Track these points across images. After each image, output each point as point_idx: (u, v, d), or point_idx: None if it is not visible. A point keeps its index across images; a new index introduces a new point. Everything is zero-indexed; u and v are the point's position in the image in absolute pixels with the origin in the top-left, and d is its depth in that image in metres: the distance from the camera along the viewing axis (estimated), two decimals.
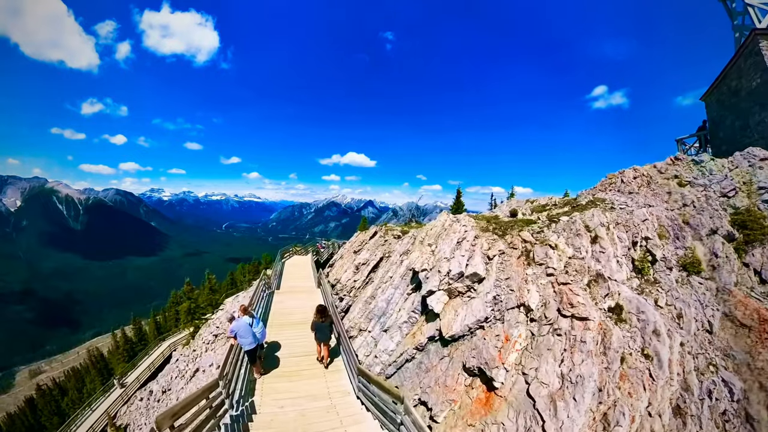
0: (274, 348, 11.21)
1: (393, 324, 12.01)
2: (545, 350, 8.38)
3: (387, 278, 14.17)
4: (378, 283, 14.64)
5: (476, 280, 10.56)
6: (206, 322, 27.53)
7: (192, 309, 28.51)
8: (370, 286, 14.99)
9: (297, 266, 27.01)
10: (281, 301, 16.21)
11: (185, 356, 24.25)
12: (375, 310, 12.96)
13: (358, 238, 21.18)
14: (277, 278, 20.65)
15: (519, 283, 10.09)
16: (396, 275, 13.79)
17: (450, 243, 12.14)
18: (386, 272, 15.02)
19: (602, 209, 14.33)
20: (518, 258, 10.95)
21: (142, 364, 38.09)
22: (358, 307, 14.05)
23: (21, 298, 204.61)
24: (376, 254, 16.83)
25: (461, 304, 10.26)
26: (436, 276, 11.02)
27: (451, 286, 10.58)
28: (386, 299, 12.91)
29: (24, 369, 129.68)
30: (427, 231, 16.33)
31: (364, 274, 16.19)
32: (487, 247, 11.44)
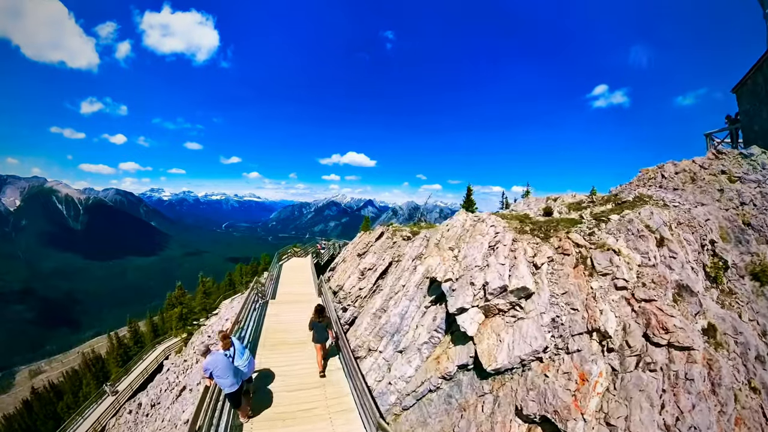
0: (266, 379, 8.90)
1: (410, 344, 9.81)
2: (636, 391, 6.18)
3: (399, 287, 11.99)
4: (388, 292, 12.42)
5: (523, 295, 8.32)
6: (199, 328, 25.29)
7: (184, 315, 26.28)
8: (379, 296, 12.76)
9: (295, 269, 24.73)
10: (276, 314, 13.79)
11: (176, 366, 22.14)
12: (387, 326, 10.73)
13: (362, 239, 19.07)
14: (272, 284, 18.34)
15: (583, 299, 7.85)
16: (410, 284, 11.61)
17: (479, 247, 9.92)
18: (397, 279, 12.83)
19: (656, 207, 12.16)
20: (575, 267, 8.71)
21: (136, 369, 36.70)
22: (366, 320, 11.80)
23: (21, 297, 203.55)
24: (384, 258, 14.62)
25: (504, 327, 8.03)
26: (468, 289, 8.78)
27: (489, 302, 8.36)
28: (400, 313, 10.71)
29: (24, 369, 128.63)
30: (443, 232, 14.12)
31: (371, 280, 13.97)
32: (532, 254, 9.21)
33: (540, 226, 10.79)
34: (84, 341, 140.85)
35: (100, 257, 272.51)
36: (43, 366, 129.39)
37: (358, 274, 14.71)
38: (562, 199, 20.54)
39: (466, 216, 14.22)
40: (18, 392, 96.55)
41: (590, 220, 11.31)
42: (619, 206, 13.31)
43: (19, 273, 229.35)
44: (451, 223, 13.83)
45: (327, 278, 22.67)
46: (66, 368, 76.03)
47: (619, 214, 11.50)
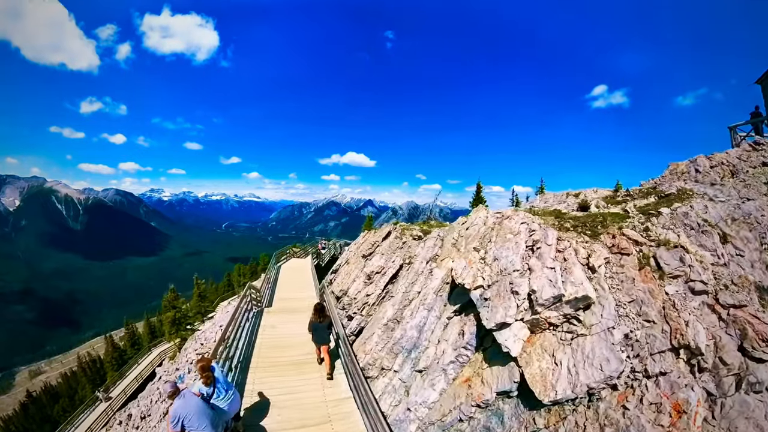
0: (260, 412, 7.12)
1: (432, 363, 8.28)
2: (741, 420, 4.77)
3: (413, 294, 10.48)
4: (401, 299, 10.88)
5: (582, 306, 6.81)
6: (193, 334, 23.72)
7: (177, 319, 24.66)
8: (390, 303, 11.22)
9: (295, 271, 22.95)
10: (273, 326, 11.92)
11: (168, 375, 20.64)
12: (402, 341, 9.18)
13: (367, 239, 17.55)
14: (269, 289, 16.47)
15: (659, 308, 6.35)
16: (427, 291, 10.10)
17: (515, 248, 8.39)
18: (410, 285, 11.32)
19: (706, 200, 10.71)
20: (640, 269, 7.22)
21: (131, 373, 35.46)
22: (376, 332, 10.24)
23: (21, 298, 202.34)
24: (394, 260, 13.10)
25: (558, 345, 6.52)
26: (509, 299, 7.24)
27: (538, 315, 6.83)
28: (417, 325, 9.18)
29: (24, 369, 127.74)
30: (460, 231, 12.59)
31: (380, 285, 12.43)
32: (585, 254, 7.68)
33: (583, 222, 9.28)
34: (84, 341, 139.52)
35: (100, 257, 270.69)
36: (43, 366, 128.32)
37: (364, 277, 13.18)
38: (584, 194, 19.00)
39: (487, 213, 12.74)
40: (18, 393, 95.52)
41: (637, 214, 9.83)
42: (664, 199, 11.82)
43: (18, 273, 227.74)
44: (470, 220, 12.33)
45: (329, 281, 20.99)
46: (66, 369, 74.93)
47: (669, 207, 10.03)
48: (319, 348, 9.36)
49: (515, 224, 9.61)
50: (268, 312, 13.42)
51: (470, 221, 12.10)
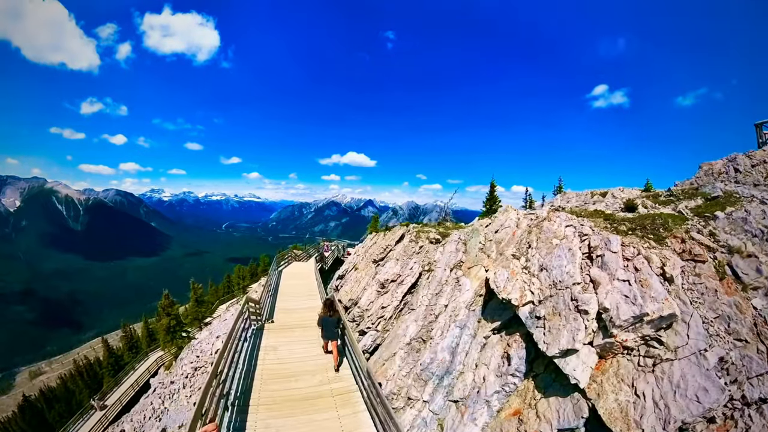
0: None
1: (470, 392, 6.92)
2: None
3: (440, 307, 9.11)
4: (424, 313, 9.50)
5: (664, 325, 5.50)
6: (189, 342, 22.15)
7: (172, 327, 23.01)
8: (411, 318, 9.83)
9: (297, 277, 20.86)
10: (275, 347, 9.89)
11: (163, 387, 19.23)
12: (432, 366, 7.79)
13: (378, 242, 16.11)
14: (269, 298, 14.56)
15: (750, 325, 5.08)
16: (457, 304, 8.73)
17: (568, 256, 7.06)
18: (434, 296, 9.94)
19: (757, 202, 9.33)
20: (721, 279, 5.89)
21: (127, 380, 33.98)
22: (399, 354, 8.84)
23: (21, 298, 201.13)
24: (412, 267, 11.69)
25: (637, 373, 5.25)
26: (574, 319, 5.93)
27: (614, 339, 5.52)
28: (449, 346, 7.82)
29: (24, 370, 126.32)
30: (486, 235, 11.19)
31: (397, 296, 11.01)
32: (660, 263, 6.33)
33: (641, 225, 7.89)
34: (85, 342, 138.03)
35: (101, 258, 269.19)
36: (44, 367, 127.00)
37: (377, 286, 11.76)
38: (612, 193, 17.61)
39: (517, 213, 11.34)
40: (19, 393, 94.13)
41: (693, 217, 8.44)
42: (712, 201, 10.42)
43: (19, 274, 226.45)
44: (498, 222, 10.93)
45: (335, 287, 19.43)
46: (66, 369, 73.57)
47: (722, 211, 8.63)
48: (327, 342, 9.30)
49: (558, 227, 8.23)
50: (269, 329, 11.40)
51: (498, 223, 10.72)
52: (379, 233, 18.24)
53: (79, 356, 64.00)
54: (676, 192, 12.89)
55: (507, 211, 11.93)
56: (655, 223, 8.03)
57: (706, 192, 12.24)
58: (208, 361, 16.05)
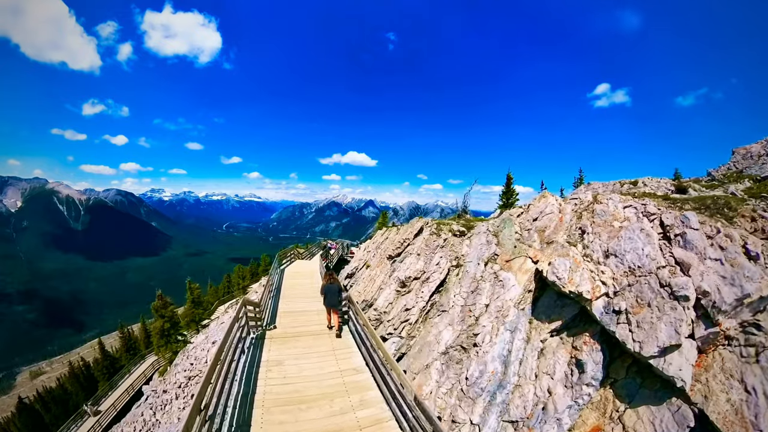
0: None
1: (534, 410, 5.51)
2: None
3: (479, 308, 7.69)
4: (460, 315, 8.06)
5: (761, 307, 4.49)
6: (185, 346, 20.48)
7: (166, 330, 21.28)
8: (443, 322, 8.37)
9: (301, 276, 19.23)
10: (279, 362, 7.99)
11: (156, 396, 17.67)
12: (482, 380, 6.41)
13: (390, 236, 14.61)
14: (271, 299, 12.86)
15: None
16: (503, 304, 7.33)
17: (643, 237, 5.89)
18: (470, 294, 8.50)
19: None
20: None
21: (123, 384, 32.50)
22: (434, 366, 7.38)
23: (22, 298, 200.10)
24: (439, 263, 10.18)
25: (743, 366, 3.87)
26: (672, 309, 4.68)
27: (718, 327, 4.32)
28: (500, 355, 6.42)
29: (25, 370, 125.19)
30: (523, 224, 9.72)
31: (423, 296, 9.46)
32: (741, 241, 5.23)
33: (704, 204, 6.53)
34: (86, 341, 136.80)
35: (101, 258, 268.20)
36: (44, 367, 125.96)
37: (396, 285, 10.25)
38: (642, 182, 16.16)
39: (557, 199, 9.92)
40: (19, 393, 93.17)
41: (749, 197, 7.05)
42: (762, 183, 8.97)
43: (20, 274, 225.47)
44: (536, 209, 9.52)
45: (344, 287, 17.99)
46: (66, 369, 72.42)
47: None
48: (329, 313, 9.74)
49: (615, 209, 6.86)
50: (271, 338, 9.49)
51: (536, 210, 9.32)
52: (391, 228, 16.73)
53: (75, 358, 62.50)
54: (718, 177, 11.52)
55: (545, 197, 10.50)
56: (717, 203, 6.64)
57: (752, 174, 10.87)
58: (203, 369, 14.45)
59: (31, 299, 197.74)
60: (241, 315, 8.75)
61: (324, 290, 9.66)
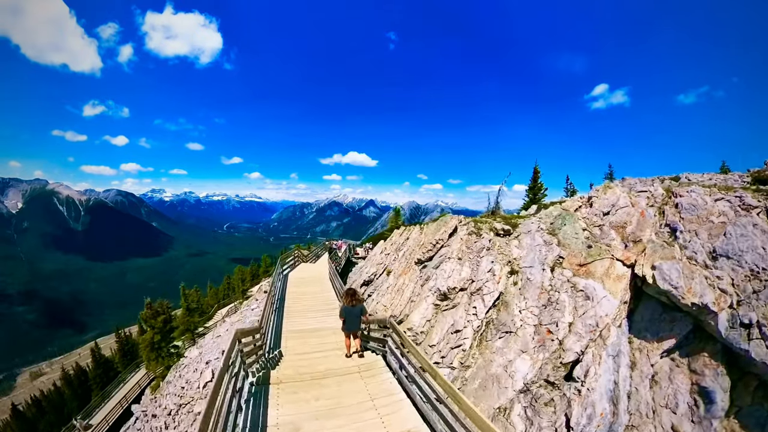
0: None
1: None
2: None
3: (563, 328, 5.67)
4: (534, 339, 6.06)
5: None
6: (178, 360, 18.21)
7: (156, 343, 18.89)
8: (512, 346, 6.43)
9: (308, 282, 16.41)
10: (295, 429, 5.28)
11: (145, 418, 15.52)
12: (589, 428, 4.37)
13: (417, 236, 12.44)
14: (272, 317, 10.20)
15: None
16: (596, 321, 5.45)
17: (757, 233, 3.90)
18: (544, 309, 6.54)
19: None
20: None
21: (117, 394, 30.44)
22: (514, 409, 5.47)
23: (23, 299, 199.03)
24: (491, 269, 8.07)
25: None
26: None
27: None
28: (606, 391, 4.48)
29: (25, 370, 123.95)
30: (589, 220, 7.63)
31: (477, 312, 7.31)
32: None
33: None
34: (87, 342, 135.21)
35: (102, 258, 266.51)
36: (45, 368, 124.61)
37: (436, 297, 8.15)
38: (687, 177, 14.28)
39: (620, 191, 7.88)
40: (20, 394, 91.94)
41: None
42: None
43: (20, 275, 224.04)
44: (604, 202, 7.57)
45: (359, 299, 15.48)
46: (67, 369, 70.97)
47: None
48: (349, 338, 8.26)
49: (704, 202, 4.84)
50: (278, 382, 6.59)
51: (605, 203, 7.52)
52: (410, 227, 14.53)
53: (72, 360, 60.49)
54: None
55: (610, 187, 8.52)
56: None
57: None
58: (195, 396, 12.31)
59: (31, 300, 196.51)
60: (234, 358, 5.78)
61: (344, 313, 7.95)
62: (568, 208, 9.24)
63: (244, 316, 17.01)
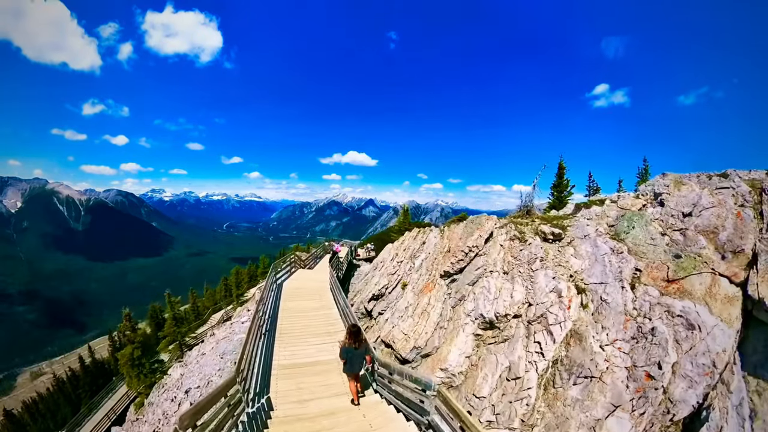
0: None
1: None
2: None
3: (666, 372, 3.77)
4: (632, 386, 4.00)
5: None
6: (162, 378, 15.91)
7: (136, 359, 16.47)
8: (598, 400, 4.35)
9: (305, 295, 13.83)
10: None
11: None
12: None
13: (436, 240, 10.23)
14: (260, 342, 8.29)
15: None
16: (711, 359, 3.56)
17: None
18: (633, 343, 4.59)
19: None
20: None
21: (106, 404, 28.63)
22: None
23: (23, 299, 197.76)
24: (554, 287, 6.02)
25: None
26: None
27: None
28: None
29: (25, 370, 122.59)
30: (667, 223, 5.62)
31: (542, 350, 5.27)
32: None
33: None
34: (86, 342, 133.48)
35: (102, 258, 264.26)
36: (45, 368, 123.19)
37: (476, 325, 6.06)
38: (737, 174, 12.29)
39: (697, 187, 5.88)
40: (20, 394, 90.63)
41: None
42: None
43: (21, 274, 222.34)
44: (683, 200, 5.61)
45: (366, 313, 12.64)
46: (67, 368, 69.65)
47: None
48: (352, 381, 6.85)
49: None
50: None
51: (684, 202, 5.48)
52: (427, 229, 12.18)
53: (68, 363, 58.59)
54: None
55: (683, 183, 6.54)
56: None
57: None
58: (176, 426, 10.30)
59: (31, 300, 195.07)
60: None
61: (344, 354, 6.69)
62: (628, 207, 7.23)
63: (233, 332, 14.78)
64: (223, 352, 12.35)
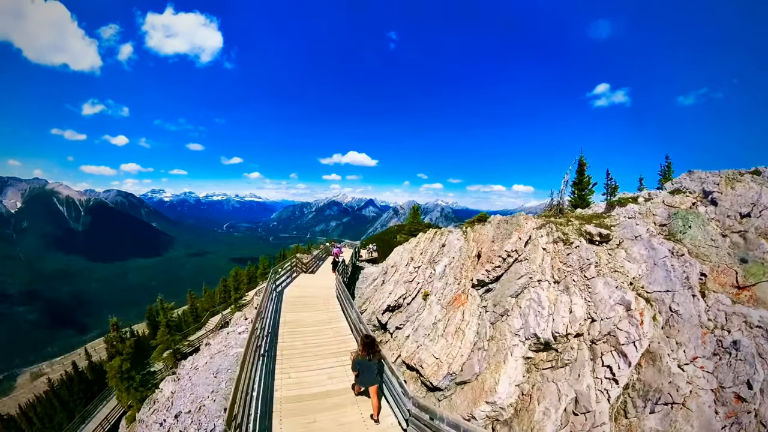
0: None
1: None
2: None
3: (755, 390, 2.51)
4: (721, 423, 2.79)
5: None
6: (153, 393, 14.58)
7: (126, 372, 15.04)
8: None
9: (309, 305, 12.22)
10: None
11: None
12: None
13: (459, 242, 8.99)
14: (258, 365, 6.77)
15: None
16: None
17: None
18: (717, 357, 3.48)
19: None
20: None
21: (99, 412, 27.38)
22: None
23: (23, 299, 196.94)
24: (621, 299, 4.83)
25: None
26: None
27: None
28: None
29: (26, 371, 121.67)
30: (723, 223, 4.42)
31: (619, 375, 4.11)
32: None
33: None
34: (87, 342, 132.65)
35: (102, 258, 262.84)
36: (45, 368, 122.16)
37: (527, 347, 4.72)
38: None
39: (755, 185, 4.81)
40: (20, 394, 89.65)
41: None
42: None
43: (21, 275, 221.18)
44: (740, 198, 4.70)
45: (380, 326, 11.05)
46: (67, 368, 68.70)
47: None
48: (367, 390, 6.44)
49: None
50: None
51: (741, 200, 4.57)
52: (445, 230, 10.90)
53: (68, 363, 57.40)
54: None
55: (740, 181, 5.48)
56: None
57: None
58: None
59: (32, 300, 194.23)
60: None
61: (357, 366, 6.31)
62: (677, 205, 6.04)
63: (229, 345, 13.45)
64: (217, 370, 11.20)
